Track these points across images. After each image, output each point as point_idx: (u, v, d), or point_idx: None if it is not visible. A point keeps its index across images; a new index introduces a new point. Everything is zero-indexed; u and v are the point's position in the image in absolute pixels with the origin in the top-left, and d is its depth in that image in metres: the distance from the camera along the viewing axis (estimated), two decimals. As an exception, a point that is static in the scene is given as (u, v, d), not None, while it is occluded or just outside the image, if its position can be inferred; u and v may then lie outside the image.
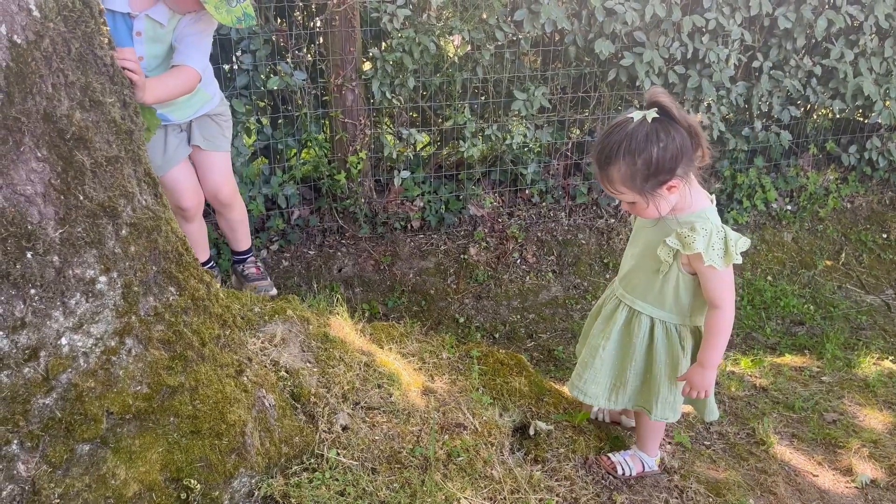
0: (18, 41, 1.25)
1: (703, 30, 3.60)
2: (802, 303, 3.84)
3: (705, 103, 3.88)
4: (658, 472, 2.08)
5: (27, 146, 1.28)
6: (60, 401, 1.37)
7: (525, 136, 3.68)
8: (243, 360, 1.71)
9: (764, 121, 4.16)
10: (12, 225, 1.28)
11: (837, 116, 4.46)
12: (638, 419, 2.07)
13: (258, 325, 2.04)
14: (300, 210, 3.66)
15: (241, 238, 2.78)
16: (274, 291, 2.84)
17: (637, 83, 3.61)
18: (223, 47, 3.12)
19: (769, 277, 4.01)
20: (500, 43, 3.47)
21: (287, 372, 1.90)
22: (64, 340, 1.37)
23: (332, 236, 3.70)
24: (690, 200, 1.74)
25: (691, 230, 1.68)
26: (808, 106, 4.30)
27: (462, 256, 3.71)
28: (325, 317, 2.28)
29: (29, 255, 1.31)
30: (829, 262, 4.18)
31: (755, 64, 3.87)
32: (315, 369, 1.98)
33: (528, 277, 3.69)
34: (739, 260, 1.69)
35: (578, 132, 3.97)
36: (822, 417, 2.55)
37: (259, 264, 2.91)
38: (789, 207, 4.36)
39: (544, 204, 3.97)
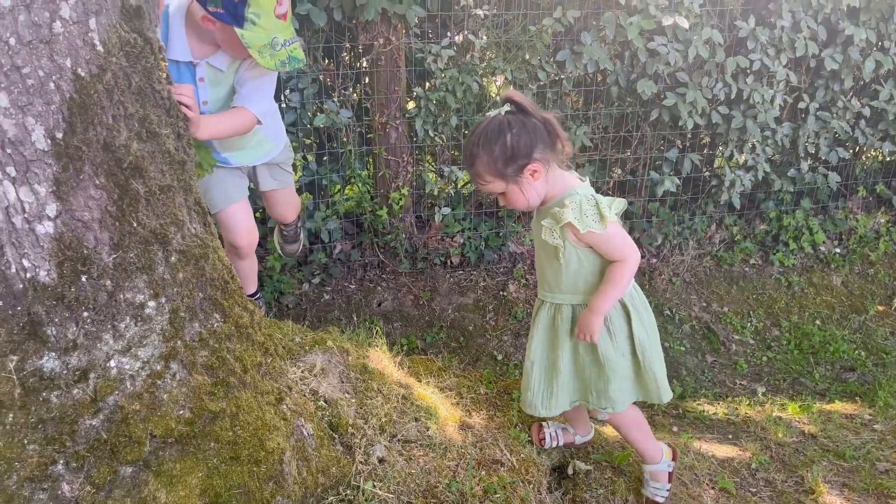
0: (82, 74, 1.31)
1: (748, 70, 3.59)
2: (853, 348, 3.72)
3: (749, 144, 3.84)
4: (672, 463, 2.04)
5: (87, 174, 1.33)
6: (106, 422, 1.40)
7: (566, 174, 3.68)
8: (283, 389, 1.73)
9: (811, 162, 4.09)
10: (69, 249, 1.33)
11: (888, 159, 4.37)
12: (617, 425, 2.02)
13: (298, 355, 2.06)
14: (342, 244, 3.71)
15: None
16: (297, 247, 3.01)
17: (680, 123, 3.60)
18: (273, 86, 3.21)
19: (817, 322, 3.90)
20: (542, 83, 3.51)
21: (326, 402, 1.91)
22: (112, 363, 1.41)
23: (372, 271, 3.74)
24: (560, 185, 1.81)
25: (561, 206, 1.77)
26: (857, 148, 4.22)
27: (501, 293, 3.70)
28: (364, 349, 2.29)
29: (84, 278, 1.35)
30: (880, 308, 4.05)
31: (801, 105, 3.83)
32: (353, 400, 1.99)
33: (567, 316, 3.65)
34: (615, 218, 1.75)
35: (620, 171, 3.97)
36: (874, 467, 2.45)
37: (297, 231, 2.97)
38: (838, 250, 4.25)
39: (585, 242, 3.94)
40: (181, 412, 1.47)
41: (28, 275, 1.33)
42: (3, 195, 1.28)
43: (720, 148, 3.97)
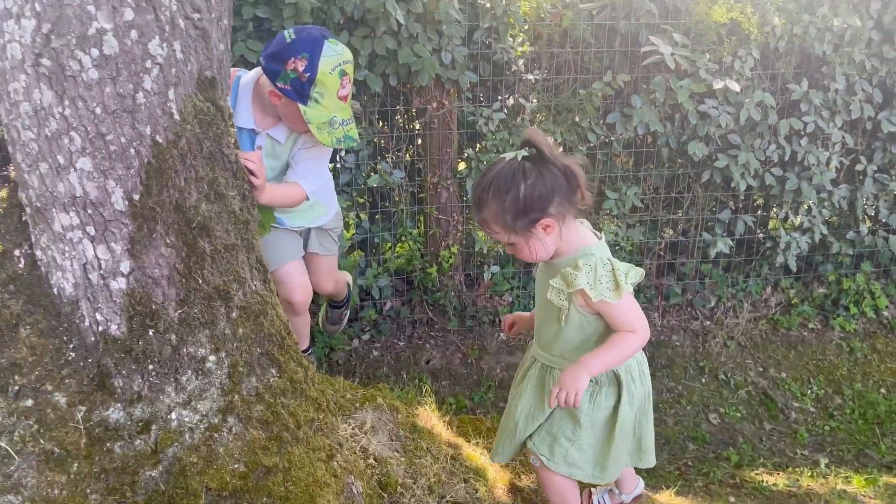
0: (160, 140, 1.40)
1: (802, 133, 3.56)
2: (922, 419, 3.54)
3: (805, 205, 3.78)
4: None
5: (159, 233, 1.41)
6: (165, 474, 1.43)
7: (616, 234, 3.68)
8: (335, 445, 1.75)
9: (870, 224, 4.00)
10: (139, 304, 1.40)
11: (952, 221, 4.23)
12: (543, 481, 1.89)
13: (349, 411, 2.08)
14: (392, 301, 3.76)
15: (341, 292, 2.96)
16: (339, 327, 3.12)
17: (732, 184, 3.58)
18: (330, 147, 3.34)
19: (882, 390, 3.73)
20: (592, 144, 3.55)
21: (375, 460, 1.91)
22: (174, 415, 1.45)
23: (421, 328, 3.76)
24: (574, 242, 1.69)
25: (574, 268, 1.62)
26: (919, 210, 4.11)
27: (550, 353, 3.67)
28: (413, 407, 2.30)
29: (151, 332, 1.42)
30: (951, 377, 3.86)
31: (858, 167, 3.77)
32: (402, 459, 1.99)
33: (618, 378, 3.59)
34: (630, 290, 1.62)
35: (672, 232, 3.94)
36: (950, 548, 2.30)
37: (343, 314, 3.09)
38: (902, 315, 4.10)
39: (636, 303, 3.90)
40: (236, 466, 1.50)
41: (100, 328, 1.40)
42: (83, 252, 1.36)
43: (774, 209, 3.92)
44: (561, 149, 3.60)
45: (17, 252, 1.43)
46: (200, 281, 1.48)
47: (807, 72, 3.59)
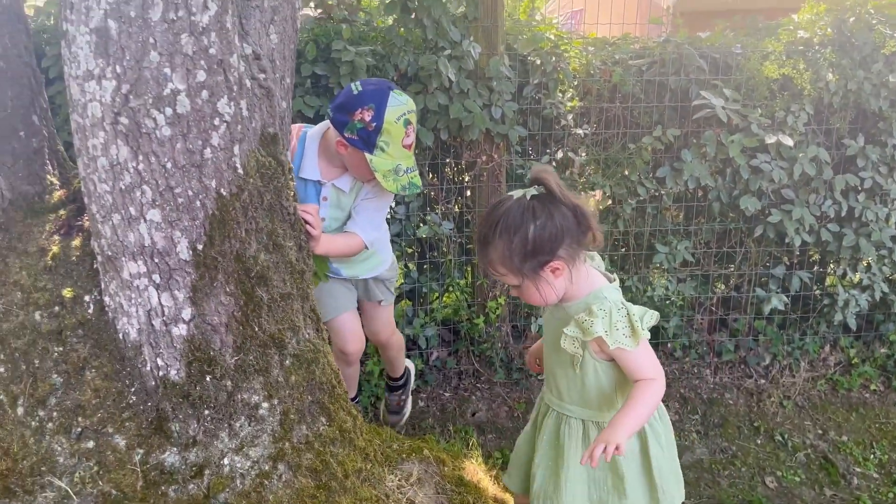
0: (224, 193, 1.47)
1: (858, 188, 3.50)
2: None
3: (864, 262, 3.68)
4: None
5: (220, 282, 1.46)
6: (216, 519, 1.46)
7: (667, 288, 3.64)
8: (381, 497, 1.74)
9: (934, 282, 3.86)
10: (199, 350, 1.44)
11: None
12: None
13: (396, 462, 2.08)
14: (438, 352, 3.76)
15: (397, 365, 2.96)
16: (403, 420, 3.01)
17: (786, 240, 3.51)
18: (381, 198, 3.42)
19: (953, 457, 3.54)
20: (641, 198, 3.55)
21: (421, 513, 1.90)
22: (226, 461, 1.48)
23: (467, 379, 3.74)
24: (584, 285, 1.61)
25: (589, 314, 1.53)
26: None
27: (598, 409, 3.60)
28: (459, 460, 2.28)
29: (208, 378, 1.46)
30: None
31: (919, 223, 3.66)
32: (448, 513, 1.97)
33: (669, 436, 3.50)
34: (647, 335, 1.52)
35: (724, 287, 3.87)
36: None
37: (402, 397, 3.03)
38: (972, 378, 3.90)
39: (687, 359, 3.82)
40: (285, 514, 1.51)
41: (161, 373, 1.44)
42: (148, 299, 1.42)
43: (832, 266, 3.82)
44: (610, 202, 3.61)
45: (87, 298, 1.50)
46: (257, 329, 1.53)
47: (862, 127, 3.54)
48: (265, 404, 1.53)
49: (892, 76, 3.35)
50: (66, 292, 1.51)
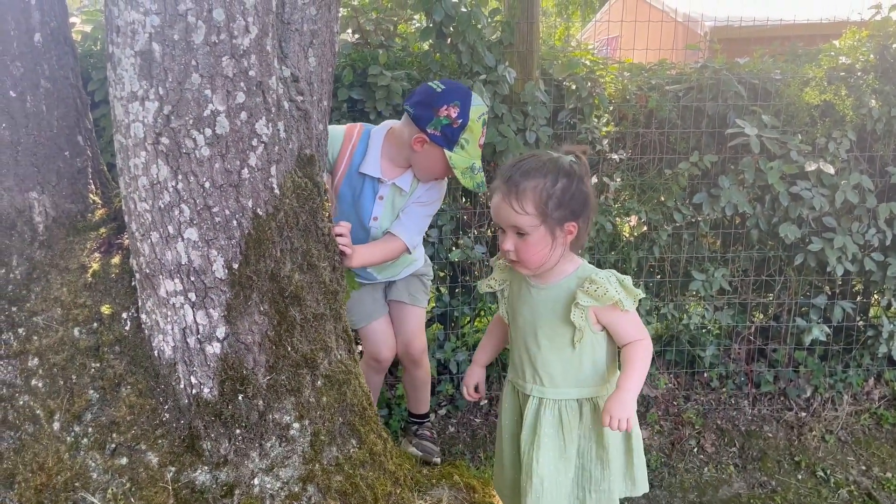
0: (260, 213, 1.48)
1: (903, 216, 3.40)
2: None
3: (910, 293, 3.57)
4: None
5: (254, 301, 1.47)
6: (244, 540, 1.45)
7: (703, 317, 3.56)
8: (410, 522, 1.72)
9: (984, 315, 3.72)
10: (231, 369, 1.45)
11: None
12: None
13: (425, 487, 2.05)
14: (470, 377, 3.73)
15: (423, 399, 2.89)
16: (438, 459, 2.86)
17: (828, 269, 3.42)
18: (414, 222, 3.43)
19: None
20: (678, 224, 3.50)
21: (450, 541, 1.87)
22: (256, 481, 1.47)
23: (498, 405, 3.70)
24: (570, 263, 1.67)
25: (591, 283, 1.57)
26: None
27: (632, 439, 3.52)
28: (489, 487, 2.24)
29: (240, 397, 1.46)
30: None
31: (968, 253, 3.54)
32: (478, 542, 1.93)
33: (706, 469, 3.40)
34: (640, 294, 1.59)
35: (762, 316, 3.78)
36: None
37: (433, 431, 2.97)
38: None
39: (724, 390, 3.73)
40: (313, 537, 1.50)
41: (194, 391, 1.45)
42: (183, 317, 1.43)
43: (876, 296, 3.71)
44: (645, 228, 3.57)
45: (124, 315, 1.52)
46: (289, 348, 1.53)
47: (907, 154, 3.46)
48: (296, 425, 1.53)
49: (938, 102, 3.27)
50: (105, 309, 1.53)
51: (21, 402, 1.48)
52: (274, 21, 1.46)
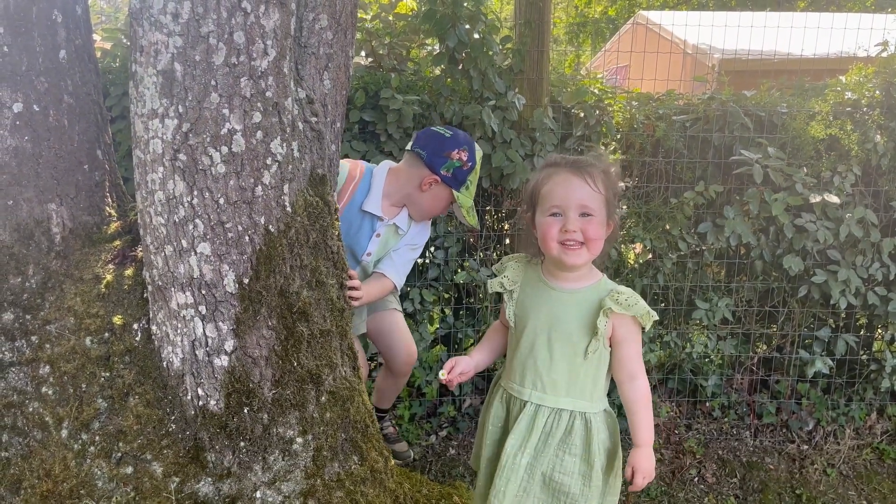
0: (272, 230, 1.52)
1: (907, 251, 3.42)
2: None
3: (913, 328, 3.57)
4: None
5: (262, 316, 1.50)
6: (245, 552, 1.46)
7: (706, 346, 3.57)
8: (409, 541, 1.73)
9: None
10: (238, 382, 1.47)
11: None
12: None
13: (425, 508, 2.06)
14: (472, 399, 3.73)
15: (392, 398, 2.95)
16: (411, 456, 2.95)
17: (832, 301, 3.43)
18: (421, 243, 3.47)
19: None
20: (682, 252, 3.52)
21: (448, 561, 1.87)
22: (258, 494, 1.49)
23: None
24: (595, 271, 1.70)
25: (620, 293, 1.59)
26: None
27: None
28: (489, 510, 2.24)
29: (245, 410, 1.48)
30: None
31: (973, 290, 3.55)
32: (475, 563, 1.93)
33: (706, 499, 3.38)
34: (655, 316, 1.59)
35: (765, 347, 3.78)
36: None
37: (395, 425, 3.00)
38: None
39: (726, 420, 3.72)
40: (312, 552, 1.51)
41: (200, 402, 1.48)
42: (193, 329, 1.46)
43: (879, 330, 3.71)
44: (650, 255, 3.59)
45: (135, 326, 1.55)
46: (296, 364, 1.55)
47: (912, 189, 3.48)
48: (299, 439, 1.55)
49: (943, 140, 3.30)
50: (117, 319, 1.56)
51: (31, 409, 1.51)
52: (291, 44, 1.51)
